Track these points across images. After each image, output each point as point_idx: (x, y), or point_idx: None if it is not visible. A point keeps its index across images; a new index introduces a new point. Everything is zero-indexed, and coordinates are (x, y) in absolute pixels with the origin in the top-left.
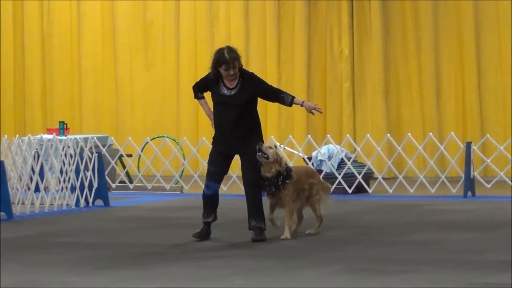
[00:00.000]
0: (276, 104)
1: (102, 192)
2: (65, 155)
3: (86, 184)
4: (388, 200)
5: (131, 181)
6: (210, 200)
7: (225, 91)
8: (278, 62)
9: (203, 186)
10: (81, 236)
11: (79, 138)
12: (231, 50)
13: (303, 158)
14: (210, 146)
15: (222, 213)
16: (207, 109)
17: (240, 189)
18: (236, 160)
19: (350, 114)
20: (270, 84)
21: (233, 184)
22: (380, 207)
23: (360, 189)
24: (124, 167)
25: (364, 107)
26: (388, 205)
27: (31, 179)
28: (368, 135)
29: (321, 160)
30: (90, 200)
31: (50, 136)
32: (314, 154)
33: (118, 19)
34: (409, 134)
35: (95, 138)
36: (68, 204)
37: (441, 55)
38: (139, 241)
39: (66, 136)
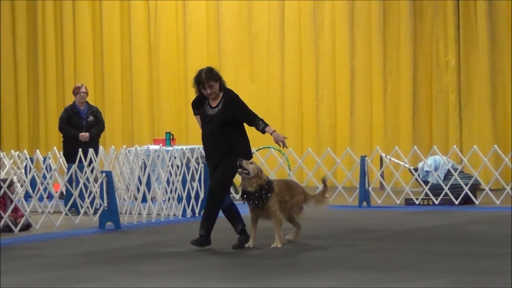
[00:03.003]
0: (382, 115)
1: None
2: (172, 166)
3: (193, 194)
4: (495, 212)
5: (237, 192)
6: (226, 214)
7: (209, 110)
8: (383, 73)
9: None
10: (188, 246)
11: (186, 148)
12: (209, 70)
13: (409, 169)
14: (316, 157)
15: (323, 225)
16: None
17: (345, 200)
18: (341, 172)
19: (456, 125)
20: (249, 109)
21: (338, 195)
22: (488, 219)
23: (467, 200)
24: None
25: (470, 118)
26: (495, 217)
27: (138, 190)
28: (475, 146)
29: (427, 171)
30: (197, 210)
31: (156, 147)
32: (420, 165)
33: (224, 31)
34: None
35: (201, 148)
36: (175, 215)
37: None
38: (247, 252)
39: (172, 146)
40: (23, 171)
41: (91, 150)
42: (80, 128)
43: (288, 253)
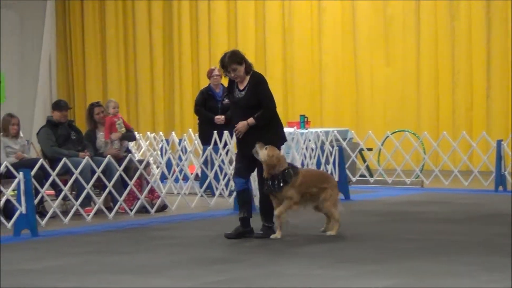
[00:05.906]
0: None
1: (343, 185)
2: (306, 148)
3: None
4: None
5: (371, 175)
6: (240, 196)
7: (237, 93)
8: None
9: (444, 181)
10: (318, 228)
11: (320, 131)
12: (232, 53)
13: None
14: (451, 141)
15: (459, 209)
16: None
17: (480, 184)
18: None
19: None
20: (267, 96)
21: (474, 179)
22: None
23: None
24: (364, 160)
25: None
26: None
27: None
28: None
29: None
30: None
31: (291, 130)
32: None
33: (358, 14)
34: None
35: (335, 131)
36: None
37: None
38: (378, 235)
39: (307, 129)
40: (159, 152)
41: (226, 133)
42: (216, 110)
43: (423, 236)
